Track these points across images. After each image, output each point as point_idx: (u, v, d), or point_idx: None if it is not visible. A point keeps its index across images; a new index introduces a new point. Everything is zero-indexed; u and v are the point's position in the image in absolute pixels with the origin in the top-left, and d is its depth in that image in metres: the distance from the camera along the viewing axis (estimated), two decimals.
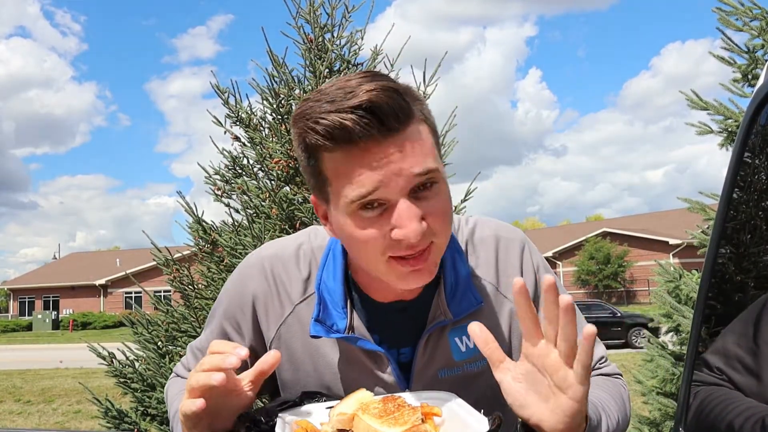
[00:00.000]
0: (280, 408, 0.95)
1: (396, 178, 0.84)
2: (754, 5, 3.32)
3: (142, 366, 3.67)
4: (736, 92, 3.47)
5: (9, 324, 36.33)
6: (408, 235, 0.84)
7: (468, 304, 1.02)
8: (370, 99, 0.81)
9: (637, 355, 4.44)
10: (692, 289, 3.43)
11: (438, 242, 0.90)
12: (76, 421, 9.43)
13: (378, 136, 0.83)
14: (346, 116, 0.81)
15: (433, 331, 1.02)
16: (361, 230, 0.87)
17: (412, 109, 0.87)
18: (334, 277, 1.02)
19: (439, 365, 1.03)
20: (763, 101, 1.03)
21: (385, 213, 0.86)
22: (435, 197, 0.88)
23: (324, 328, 1.01)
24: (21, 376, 13.77)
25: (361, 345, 1.00)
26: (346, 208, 0.87)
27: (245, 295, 1.07)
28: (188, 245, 3.79)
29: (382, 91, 0.82)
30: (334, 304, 1.01)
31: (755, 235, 1.30)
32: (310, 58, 3.70)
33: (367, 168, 0.83)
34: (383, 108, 0.82)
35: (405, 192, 0.85)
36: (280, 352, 0.98)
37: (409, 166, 0.84)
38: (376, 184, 0.84)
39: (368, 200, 0.85)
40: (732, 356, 1.17)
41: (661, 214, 44.66)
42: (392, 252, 0.87)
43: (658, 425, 3.62)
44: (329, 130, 0.82)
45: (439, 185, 0.88)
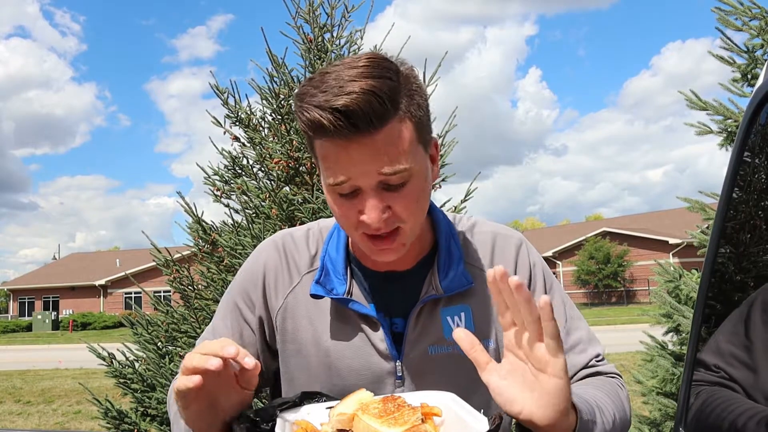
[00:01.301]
0: (280, 408, 0.96)
1: (364, 175, 0.93)
2: (753, 5, 3.32)
3: (142, 366, 3.67)
4: (736, 92, 3.46)
5: (9, 324, 36.31)
6: (371, 222, 0.94)
7: (459, 283, 1.07)
8: (346, 104, 0.87)
9: (637, 355, 4.44)
10: (692, 288, 3.43)
11: (405, 227, 0.98)
12: (76, 421, 9.42)
13: (351, 136, 0.90)
14: (324, 115, 0.89)
15: (425, 304, 1.07)
16: (338, 207, 0.98)
17: (392, 111, 0.91)
18: (337, 249, 1.12)
19: (430, 340, 1.07)
20: (763, 101, 1.03)
21: (357, 197, 0.96)
22: (402, 190, 0.95)
23: (324, 290, 1.08)
24: (21, 376, 13.76)
25: (355, 308, 1.07)
26: (326, 187, 0.98)
27: (257, 267, 1.16)
28: (188, 245, 3.79)
29: (363, 95, 0.88)
30: (335, 272, 1.10)
31: (755, 234, 1.30)
32: (309, 58, 3.70)
33: (339, 162, 0.92)
34: (358, 113, 0.88)
35: (372, 186, 0.94)
36: (286, 318, 1.11)
37: (377, 167, 0.92)
38: (347, 176, 0.93)
39: (340, 190, 0.95)
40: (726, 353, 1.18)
41: (660, 214, 44.66)
42: (362, 229, 0.97)
43: (658, 425, 3.62)
44: (310, 123, 0.91)
45: (409, 182, 0.95)
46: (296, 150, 3.46)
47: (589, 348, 1.12)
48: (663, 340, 3.73)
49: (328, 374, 1.09)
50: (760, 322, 1.14)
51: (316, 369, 1.10)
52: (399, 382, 1.07)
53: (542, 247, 38.18)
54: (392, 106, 0.91)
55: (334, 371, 1.09)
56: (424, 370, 1.07)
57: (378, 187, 0.94)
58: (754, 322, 1.15)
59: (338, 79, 0.90)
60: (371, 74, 0.90)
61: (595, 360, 1.12)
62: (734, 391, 1.15)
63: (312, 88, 0.92)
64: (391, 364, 1.07)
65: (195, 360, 0.84)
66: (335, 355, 1.09)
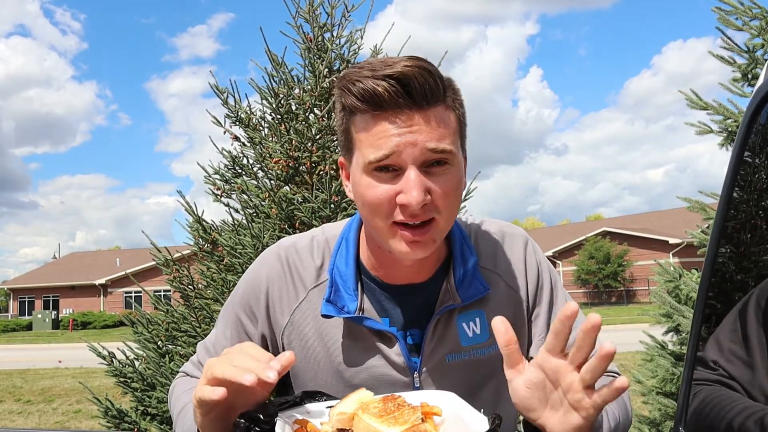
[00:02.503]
0: (281, 407, 0.95)
1: (411, 147, 0.90)
2: (753, 5, 3.32)
3: (142, 365, 3.67)
4: (736, 92, 3.46)
5: (9, 324, 36.30)
6: (410, 201, 0.90)
7: (475, 291, 1.06)
8: (403, 72, 0.88)
9: (637, 354, 4.44)
10: (692, 288, 3.43)
11: (440, 220, 0.95)
12: (76, 420, 9.42)
13: (404, 106, 0.90)
14: (379, 83, 0.89)
15: (442, 314, 1.05)
16: (373, 189, 0.93)
17: (443, 93, 0.93)
18: (347, 262, 1.07)
19: (447, 349, 1.06)
20: (763, 101, 1.03)
21: (396, 178, 0.92)
22: (444, 176, 0.94)
23: (335, 309, 1.04)
24: (21, 375, 13.76)
25: (369, 324, 1.04)
26: (365, 167, 0.94)
27: (260, 281, 1.11)
28: (188, 244, 3.79)
29: (418, 68, 0.89)
30: (346, 288, 1.05)
31: (755, 234, 1.30)
32: (309, 57, 3.70)
33: (388, 134, 0.91)
34: (413, 82, 0.89)
35: (417, 162, 0.91)
36: (293, 337, 1.06)
37: (425, 140, 0.91)
38: (393, 149, 0.90)
39: (384, 164, 0.92)
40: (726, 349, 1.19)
41: (660, 214, 44.65)
42: (396, 217, 0.93)
43: (658, 425, 3.62)
44: (362, 93, 0.90)
45: (451, 167, 0.94)
46: (296, 149, 3.45)
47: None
48: (663, 339, 3.73)
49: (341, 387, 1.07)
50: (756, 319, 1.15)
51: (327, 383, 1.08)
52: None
53: (542, 247, 37.80)
54: (443, 88, 0.94)
55: (349, 385, 1.06)
56: (441, 378, 1.06)
57: (421, 166, 0.92)
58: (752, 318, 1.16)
59: (384, 61, 0.91)
60: (417, 59, 0.91)
61: None
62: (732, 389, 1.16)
63: (358, 69, 0.92)
64: (409, 378, 1.06)
65: (227, 372, 0.82)
66: (349, 373, 1.06)
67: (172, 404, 1.14)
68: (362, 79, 0.91)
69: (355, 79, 0.92)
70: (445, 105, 0.94)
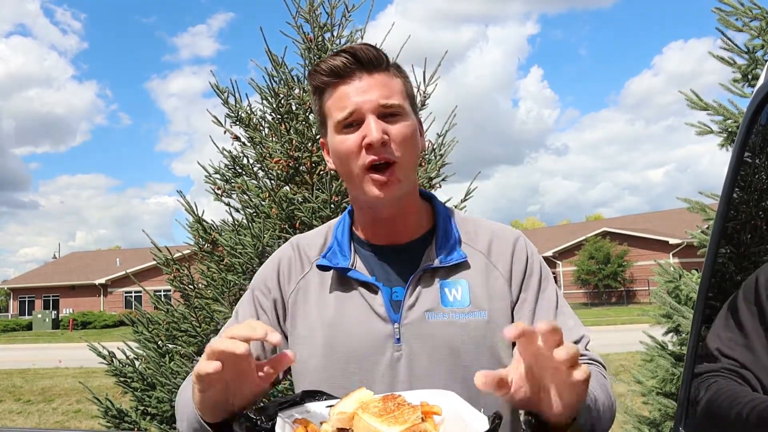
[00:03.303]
0: (281, 407, 0.96)
1: (368, 102, 1.13)
2: (753, 5, 3.32)
3: (142, 365, 3.67)
4: (736, 92, 3.46)
5: (9, 323, 36.30)
6: (371, 139, 1.10)
7: (455, 257, 1.19)
8: (352, 47, 1.16)
9: (637, 355, 4.44)
10: (692, 289, 3.43)
11: (401, 163, 1.13)
12: (76, 420, 9.43)
13: (356, 71, 1.15)
14: (336, 58, 1.15)
15: (423, 273, 1.18)
16: (344, 143, 1.14)
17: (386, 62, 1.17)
18: (342, 232, 1.26)
19: (427, 306, 1.16)
20: (763, 101, 1.03)
21: (360, 129, 1.13)
22: (397, 123, 1.14)
23: (329, 263, 1.21)
24: (21, 375, 13.77)
25: (356, 276, 1.19)
26: (335, 128, 1.15)
27: (274, 261, 1.30)
28: (188, 244, 3.80)
29: (364, 45, 1.16)
30: (341, 250, 1.23)
31: (755, 234, 1.30)
32: (309, 57, 3.70)
33: (348, 95, 1.14)
34: (360, 53, 1.15)
35: (374, 113, 1.13)
36: (298, 300, 1.22)
37: (377, 96, 1.14)
38: (354, 107, 1.13)
39: (349, 120, 1.13)
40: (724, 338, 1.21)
41: (660, 214, 44.64)
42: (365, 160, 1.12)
43: (658, 425, 3.62)
44: (325, 69, 1.16)
45: (402, 118, 1.15)
46: (296, 149, 3.46)
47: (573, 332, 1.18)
48: (663, 340, 3.73)
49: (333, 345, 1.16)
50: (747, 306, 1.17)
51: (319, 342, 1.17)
52: (398, 346, 1.14)
53: (542, 247, 38.15)
54: (387, 61, 1.18)
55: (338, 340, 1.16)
56: (421, 333, 1.14)
57: (378, 115, 1.13)
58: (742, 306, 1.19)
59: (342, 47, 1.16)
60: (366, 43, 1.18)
61: (584, 346, 1.19)
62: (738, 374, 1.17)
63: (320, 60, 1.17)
64: (389, 327, 1.15)
65: (222, 344, 0.87)
66: (338, 322, 1.17)
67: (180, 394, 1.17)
68: (323, 61, 1.17)
69: (319, 62, 1.18)
70: (389, 72, 1.18)
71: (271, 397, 3.17)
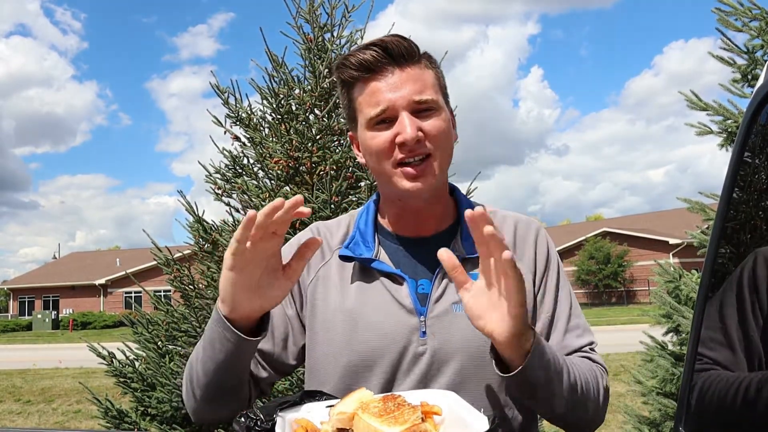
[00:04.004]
0: (281, 407, 0.96)
1: (401, 99, 1.10)
2: (753, 5, 3.32)
3: (142, 366, 3.67)
4: (736, 92, 3.46)
5: (9, 324, 36.28)
6: (406, 137, 1.07)
7: None
8: (383, 40, 1.11)
9: (637, 355, 4.44)
10: (692, 289, 3.43)
11: (435, 155, 1.11)
12: (76, 420, 9.42)
13: (388, 65, 1.11)
14: (366, 52, 1.11)
15: None
16: (376, 139, 1.11)
17: (418, 55, 1.14)
18: (366, 222, 1.23)
19: (454, 299, 1.13)
20: (763, 101, 1.03)
21: (393, 125, 1.10)
22: (432, 119, 1.11)
23: (352, 254, 1.18)
24: (21, 375, 13.76)
25: (380, 267, 1.16)
26: (367, 124, 1.12)
27: (291, 245, 1.23)
28: (189, 244, 3.79)
29: (395, 37, 1.12)
30: (364, 241, 1.20)
31: (755, 235, 1.30)
32: (309, 57, 3.70)
33: (380, 91, 1.11)
34: (391, 45, 1.11)
35: (408, 109, 1.10)
36: (317, 289, 1.20)
37: (410, 93, 1.10)
38: (387, 103, 1.10)
39: (381, 117, 1.10)
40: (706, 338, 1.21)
41: (660, 214, 44.63)
42: (397, 156, 1.10)
43: (658, 425, 3.62)
44: (354, 63, 1.12)
45: (437, 112, 1.12)
46: (296, 150, 3.46)
47: (585, 335, 1.21)
48: (663, 340, 3.73)
49: (353, 336, 1.14)
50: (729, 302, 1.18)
51: (342, 334, 1.14)
52: (423, 340, 1.11)
53: None
54: (418, 52, 1.14)
55: (360, 331, 1.13)
56: (447, 327, 1.12)
57: (411, 111, 1.10)
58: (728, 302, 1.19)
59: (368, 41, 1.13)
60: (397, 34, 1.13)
61: (589, 348, 1.20)
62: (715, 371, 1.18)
63: (348, 53, 1.15)
64: (415, 320, 1.13)
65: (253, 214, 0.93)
66: (360, 313, 1.15)
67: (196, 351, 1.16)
68: (353, 54, 1.13)
69: (348, 55, 1.14)
70: (421, 64, 1.14)
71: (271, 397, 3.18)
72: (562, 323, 1.19)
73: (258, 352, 1.17)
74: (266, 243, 0.97)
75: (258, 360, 1.18)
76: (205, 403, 1.12)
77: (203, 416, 1.17)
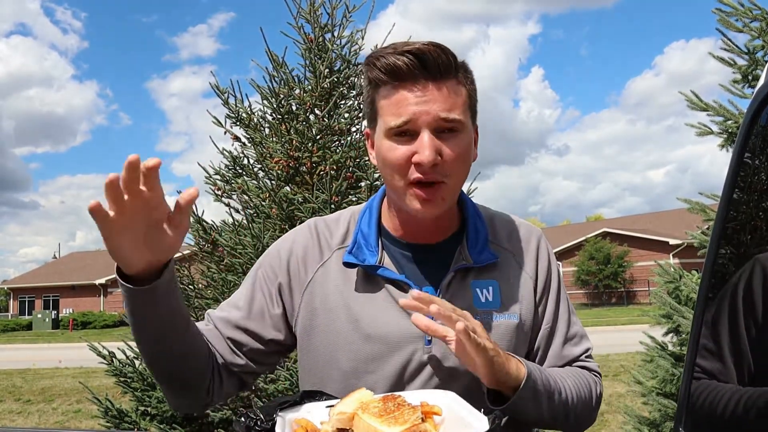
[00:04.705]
0: (281, 407, 0.96)
1: (426, 114, 1.03)
2: (754, 6, 3.32)
3: (142, 365, 3.67)
4: (736, 93, 3.46)
5: (9, 323, 36.27)
6: (423, 159, 1.02)
7: (487, 257, 1.15)
8: (420, 48, 1.03)
9: (637, 355, 4.44)
10: (692, 289, 3.43)
11: (449, 183, 1.07)
12: (76, 420, 9.42)
13: (420, 77, 1.04)
14: (400, 57, 1.03)
15: (456, 273, 1.14)
16: (393, 151, 1.06)
17: (455, 69, 1.07)
18: (369, 225, 1.18)
19: (460, 307, 1.10)
20: (764, 102, 1.03)
21: (412, 141, 1.05)
22: (454, 141, 1.05)
23: (356, 260, 1.14)
24: (21, 375, 13.76)
25: (385, 274, 1.13)
26: (386, 132, 1.06)
27: (286, 243, 1.22)
28: (188, 245, 3.79)
29: (433, 46, 1.04)
30: (367, 245, 1.16)
31: (755, 236, 1.30)
32: (310, 57, 3.70)
33: (406, 102, 1.04)
34: (428, 56, 1.03)
35: (430, 127, 1.04)
36: (315, 293, 1.16)
37: (438, 109, 1.03)
38: (410, 116, 1.03)
39: (402, 129, 1.04)
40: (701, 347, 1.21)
41: (661, 215, 44.62)
42: (411, 176, 1.05)
43: (658, 426, 3.62)
44: (385, 66, 1.04)
45: (461, 134, 1.06)
46: (296, 149, 3.46)
47: (582, 342, 1.22)
48: (663, 340, 3.73)
49: (357, 343, 1.12)
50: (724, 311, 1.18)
51: (345, 339, 1.13)
52: (428, 348, 1.11)
53: None
54: (455, 65, 1.07)
55: (365, 338, 1.11)
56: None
57: (434, 130, 1.04)
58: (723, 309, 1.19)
59: (407, 41, 1.06)
60: (434, 42, 1.06)
61: (585, 356, 1.22)
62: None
63: (384, 48, 1.07)
64: None
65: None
66: (365, 320, 1.12)
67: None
68: (386, 55, 1.04)
69: (380, 55, 1.06)
70: (456, 80, 1.07)
71: (271, 397, 3.18)
72: (560, 334, 1.20)
73: (229, 340, 1.16)
74: (136, 199, 0.94)
75: (230, 347, 1.16)
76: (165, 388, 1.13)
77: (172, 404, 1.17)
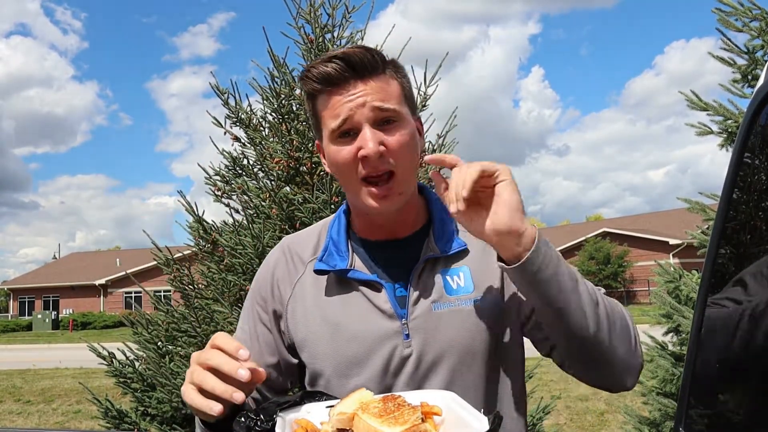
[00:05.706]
0: (281, 407, 0.96)
1: (361, 108, 1.08)
2: (753, 6, 3.32)
3: (142, 366, 3.67)
4: (736, 93, 3.47)
5: (9, 324, 36.25)
6: (368, 152, 1.07)
7: (455, 245, 1.18)
8: (345, 52, 1.10)
9: None
10: (692, 289, 3.43)
11: (398, 172, 1.10)
12: (76, 421, 9.43)
13: (350, 78, 1.09)
14: (328, 64, 1.10)
15: (425, 264, 1.16)
16: (339, 153, 1.10)
17: (381, 66, 1.12)
18: (338, 231, 1.22)
19: (433, 298, 1.14)
20: (763, 102, 1.03)
21: (356, 139, 1.09)
22: (394, 130, 1.10)
23: (327, 266, 1.17)
24: (21, 376, 13.76)
25: (356, 276, 1.16)
26: (330, 137, 1.12)
27: (267, 269, 1.26)
28: (188, 245, 3.79)
29: (357, 48, 1.10)
30: (338, 250, 1.19)
31: (755, 235, 1.30)
32: (310, 58, 3.70)
33: (341, 103, 1.09)
34: (353, 58, 1.09)
35: (369, 121, 1.08)
36: (297, 307, 1.19)
37: (371, 100, 1.08)
38: (347, 114, 1.08)
39: (343, 129, 1.09)
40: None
41: (661, 214, 44.60)
42: (361, 173, 1.09)
43: (658, 425, 3.62)
44: (316, 75, 1.10)
45: (400, 123, 1.11)
46: (296, 150, 3.46)
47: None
48: (663, 340, 3.73)
49: (337, 347, 1.14)
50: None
51: (326, 346, 1.15)
52: (407, 342, 1.12)
53: None
54: (382, 63, 1.12)
55: (345, 342, 1.13)
56: (429, 326, 1.13)
57: (374, 123, 1.09)
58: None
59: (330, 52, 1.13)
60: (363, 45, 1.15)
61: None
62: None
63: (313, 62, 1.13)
64: (397, 324, 1.13)
65: (196, 399, 0.93)
66: (342, 324, 1.14)
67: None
68: (316, 66, 1.11)
69: (311, 67, 1.12)
70: (385, 75, 1.12)
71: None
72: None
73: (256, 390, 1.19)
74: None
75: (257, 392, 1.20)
76: None
77: None
